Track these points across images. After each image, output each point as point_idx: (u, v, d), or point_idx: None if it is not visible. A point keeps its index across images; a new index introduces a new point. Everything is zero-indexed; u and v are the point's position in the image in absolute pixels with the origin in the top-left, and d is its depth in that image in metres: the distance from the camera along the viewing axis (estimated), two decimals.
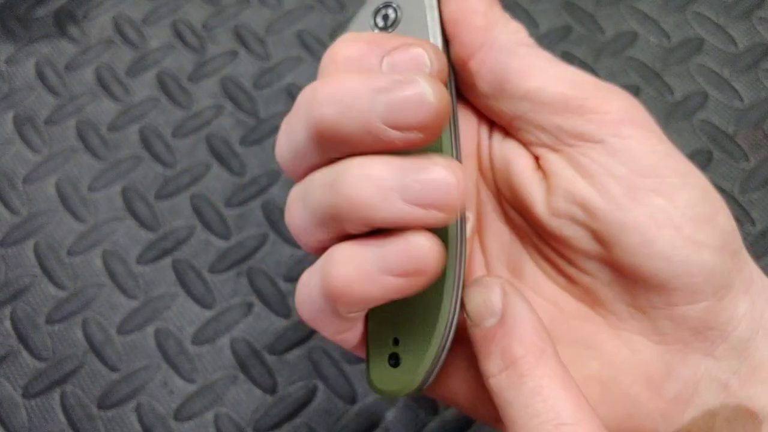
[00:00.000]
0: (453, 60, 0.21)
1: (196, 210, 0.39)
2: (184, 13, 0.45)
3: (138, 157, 0.40)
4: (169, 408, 0.34)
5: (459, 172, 0.17)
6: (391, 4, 0.21)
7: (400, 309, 0.20)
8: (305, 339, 0.35)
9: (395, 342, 0.20)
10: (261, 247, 0.38)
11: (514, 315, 0.19)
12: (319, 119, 0.18)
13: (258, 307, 0.36)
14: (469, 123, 0.23)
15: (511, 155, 0.22)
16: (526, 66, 0.20)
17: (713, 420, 0.20)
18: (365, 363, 0.21)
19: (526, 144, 0.21)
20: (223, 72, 0.43)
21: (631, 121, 0.19)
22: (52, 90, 0.43)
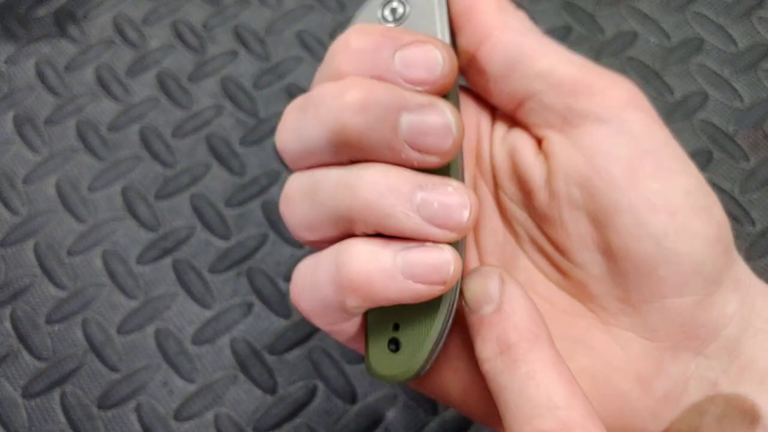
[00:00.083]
0: (459, 53, 0.21)
1: (196, 210, 0.39)
2: (184, 13, 0.45)
3: (138, 157, 0.40)
4: (169, 408, 0.34)
5: (474, 199, 0.19)
6: None
7: None
8: (305, 339, 0.35)
9: (395, 327, 0.20)
10: (261, 247, 0.38)
11: (510, 303, 0.19)
12: (343, 126, 0.18)
13: (258, 307, 0.36)
14: (469, 118, 0.23)
15: (515, 143, 0.22)
16: (538, 47, 0.21)
17: (702, 418, 0.20)
18: (364, 348, 0.21)
19: (531, 126, 0.21)
20: (223, 72, 0.43)
21: (635, 106, 0.20)
22: (52, 90, 0.43)
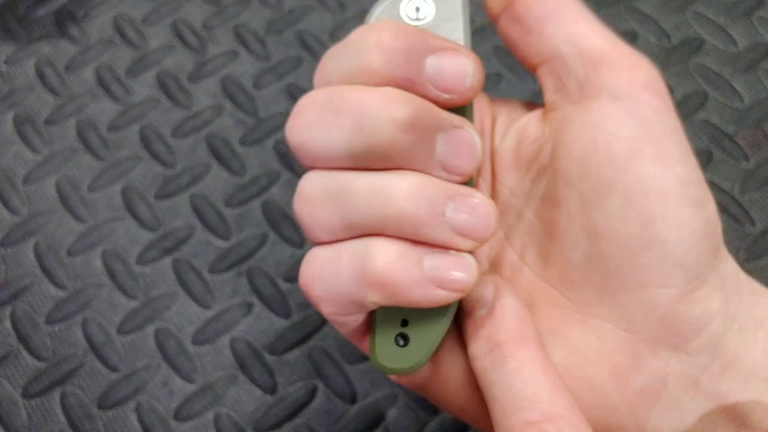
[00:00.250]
0: (490, 14, 0.22)
1: (196, 210, 0.39)
2: (184, 13, 0.45)
3: (138, 157, 0.40)
4: (169, 408, 0.34)
5: (496, 210, 0.20)
6: None
7: None
8: (305, 339, 0.35)
9: (404, 323, 0.21)
10: (261, 247, 0.38)
11: (502, 307, 0.20)
12: (390, 142, 0.19)
13: (258, 307, 0.36)
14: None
15: (525, 127, 0.22)
16: (576, 10, 0.21)
17: (682, 415, 0.20)
18: (369, 341, 0.22)
19: (547, 89, 0.22)
20: (223, 72, 0.43)
21: (652, 89, 0.20)
22: (52, 90, 0.43)
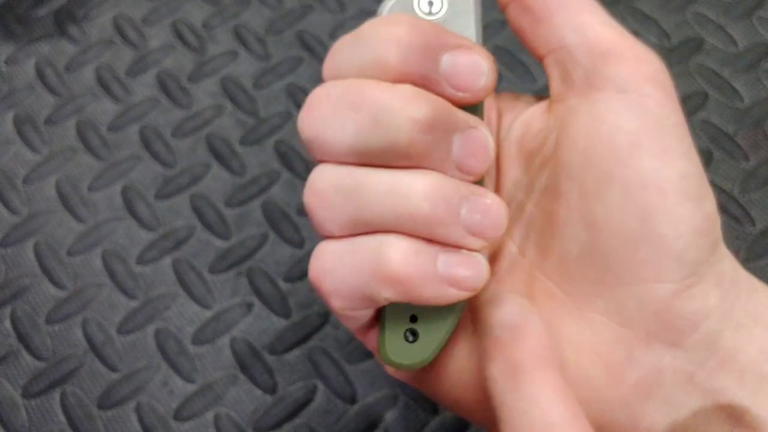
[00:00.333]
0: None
1: (196, 210, 0.39)
2: (184, 13, 0.45)
3: (138, 157, 0.40)
4: (169, 408, 0.34)
5: (506, 209, 0.20)
6: None
7: None
8: (305, 339, 0.35)
9: (413, 319, 0.21)
10: (261, 247, 0.38)
11: (526, 330, 0.20)
12: (410, 141, 0.19)
13: (258, 307, 0.36)
14: None
15: (531, 120, 0.23)
16: (584, 2, 0.21)
17: (677, 411, 0.20)
18: (378, 336, 0.22)
19: (554, 79, 0.22)
20: (223, 72, 0.43)
21: (657, 83, 0.20)
22: (52, 90, 0.43)
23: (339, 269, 0.20)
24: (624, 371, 0.20)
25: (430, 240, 0.19)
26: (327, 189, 0.20)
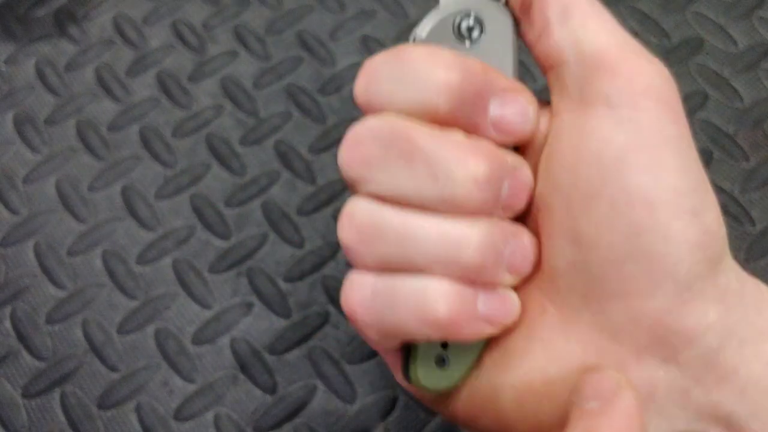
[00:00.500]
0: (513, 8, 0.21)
1: (196, 210, 0.39)
2: (184, 13, 0.45)
3: (138, 157, 0.40)
4: (169, 408, 0.34)
5: (536, 244, 0.21)
6: (470, 13, 0.21)
7: None
8: (305, 339, 0.35)
9: (443, 345, 0.22)
10: (261, 247, 0.38)
11: (616, 406, 0.19)
12: (467, 197, 0.19)
13: (258, 307, 0.36)
14: None
15: None
16: (585, 13, 0.20)
17: (671, 424, 0.19)
18: (407, 360, 0.22)
19: (553, 93, 0.21)
20: (223, 72, 0.43)
21: (653, 95, 0.19)
22: (52, 90, 0.43)
23: (379, 307, 0.20)
24: None
25: (471, 281, 0.20)
26: (369, 226, 0.20)
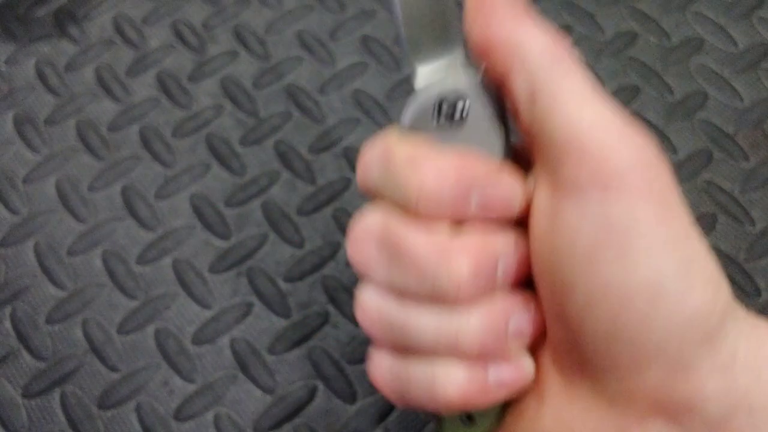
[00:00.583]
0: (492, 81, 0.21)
1: (196, 210, 0.39)
2: (184, 13, 0.45)
3: (138, 157, 0.40)
4: (169, 408, 0.34)
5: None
6: (449, 97, 0.20)
7: None
8: (305, 339, 0.35)
9: None
10: (261, 247, 0.38)
11: None
12: (457, 293, 0.20)
13: (258, 307, 0.36)
14: None
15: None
16: (564, 89, 0.19)
17: None
18: (436, 418, 0.24)
19: (536, 165, 0.20)
20: (223, 72, 0.43)
21: (623, 180, 0.18)
22: (52, 90, 0.43)
23: (397, 385, 0.21)
24: None
25: (478, 359, 0.21)
26: (377, 315, 0.21)
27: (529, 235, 0.20)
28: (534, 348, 0.22)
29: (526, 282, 0.21)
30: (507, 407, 0.22)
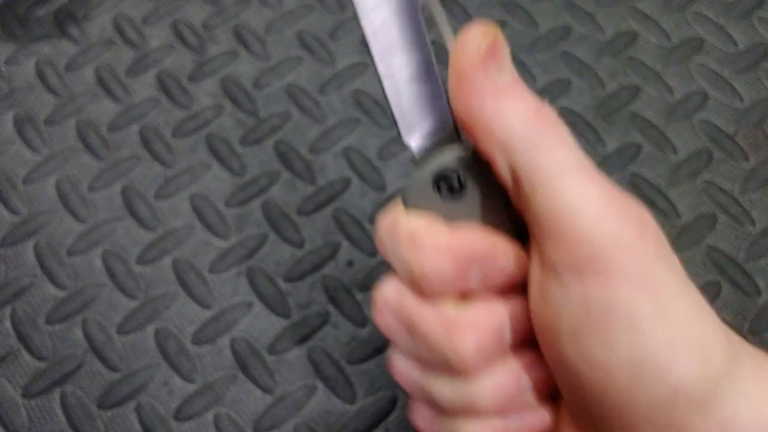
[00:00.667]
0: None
1: (196, 210, 0.39)
2: (184, 13, 0.45)
3: (138, 157, 0.40)
4: (169, 408, 0.34)
5: None
6: (450, 170, 0.21)
7: None
8: (305, 339, 0.35)
9: None
10: (261, 247, 0.38)
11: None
12: (464, 367, 0.21)
13: (258, 307, 0.36)
14: None
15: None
16: (540, 174, 0.19)
17: None
18: None
19: (531, 244, 0.21)
20: (223, 72, 0.43)
21: (603, 264, 0.18)
22: (52, 90, 0.43)
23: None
24: None
25: (498, 413, 0.21)
26: (404, 376, 0.23)
27: (529, 302, 0.21)
28: (554, 398, 0.22)
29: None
30: None
